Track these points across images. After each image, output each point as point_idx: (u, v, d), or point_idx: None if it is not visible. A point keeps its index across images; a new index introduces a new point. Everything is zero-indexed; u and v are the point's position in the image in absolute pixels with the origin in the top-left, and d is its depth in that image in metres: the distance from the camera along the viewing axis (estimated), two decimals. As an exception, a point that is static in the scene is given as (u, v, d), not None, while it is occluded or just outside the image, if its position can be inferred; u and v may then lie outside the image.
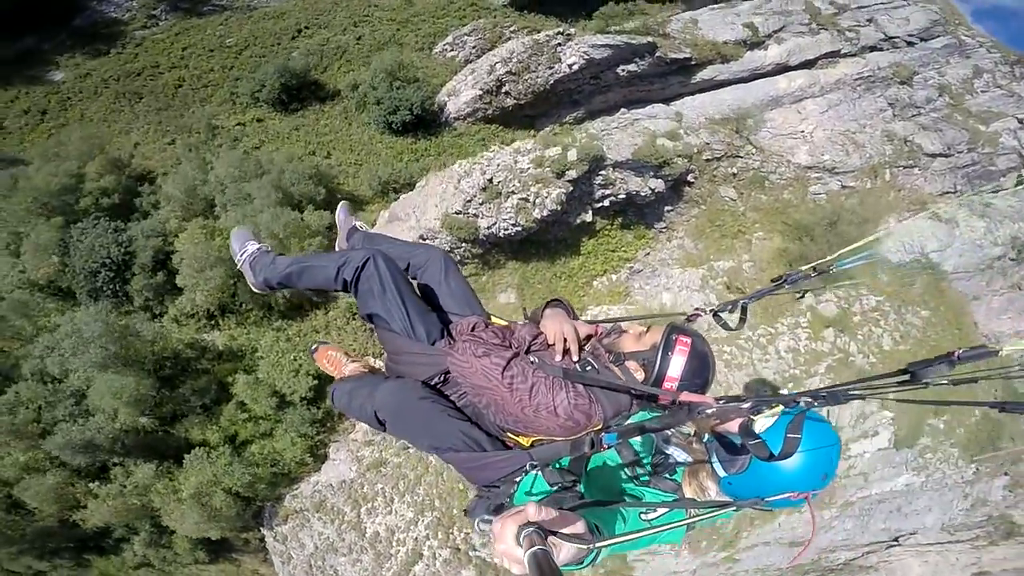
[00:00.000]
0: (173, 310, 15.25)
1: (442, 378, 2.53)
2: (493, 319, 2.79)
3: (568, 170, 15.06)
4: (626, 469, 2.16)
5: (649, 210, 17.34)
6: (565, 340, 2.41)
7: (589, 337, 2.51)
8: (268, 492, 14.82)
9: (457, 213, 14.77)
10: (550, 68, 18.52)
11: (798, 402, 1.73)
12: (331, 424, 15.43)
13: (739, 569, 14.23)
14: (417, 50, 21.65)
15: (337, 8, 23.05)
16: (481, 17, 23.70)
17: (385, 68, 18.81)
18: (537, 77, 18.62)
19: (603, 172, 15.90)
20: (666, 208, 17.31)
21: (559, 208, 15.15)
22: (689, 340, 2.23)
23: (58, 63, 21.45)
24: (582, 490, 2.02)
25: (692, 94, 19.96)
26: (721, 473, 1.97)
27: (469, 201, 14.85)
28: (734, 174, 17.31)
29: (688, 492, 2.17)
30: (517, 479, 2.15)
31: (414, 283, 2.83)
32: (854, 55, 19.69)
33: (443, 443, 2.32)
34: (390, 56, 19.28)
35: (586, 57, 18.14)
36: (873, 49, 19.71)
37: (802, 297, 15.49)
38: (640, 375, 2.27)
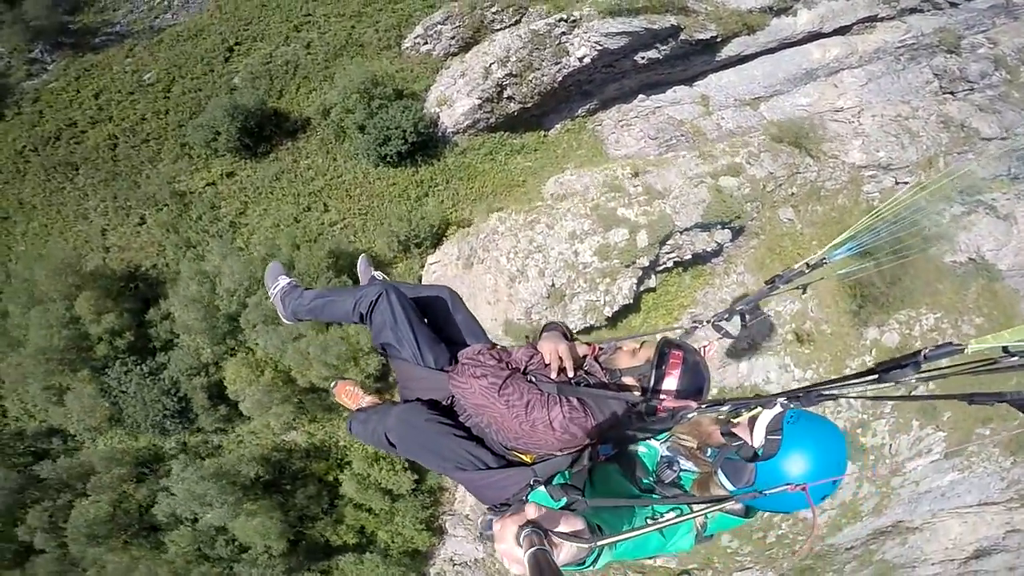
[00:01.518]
0: (246, 428, 14.77)
1: (450, 401, 2.55)
2: (497, 346, 2.76)
3: (639, 257, 12.13)
4: (630, 479, 2.05)
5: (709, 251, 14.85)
6: (560, 359, 2.40)
7: (585, 357, 2.50)
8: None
9: (519, 319, 11.85)
10: (557, 63, 15.07)
11: (776, 403, 1.70)
12: (436, 497, 15.45)
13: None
14: (383, 49, 17.44)
15: (266, 13, 18.15)
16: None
17: (356, 87, 14.75)
18: (543, 75, 15.15)
19: (671, 241, 13.11)
20: (725, 244, 14.81)
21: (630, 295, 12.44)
22: (681, 353, 2.19)
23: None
24: (587, 498, 1.90)
25: (716, 71, 16.90)
26: (729, 487, 1.86)
27: (531, 308, 11.88)
28: (793, 193, 14.76)
29: None
30: (524, 496, 2.12)
31: (425, 319, 2.82)
32: (892, 18, 16.89)
33: (449, 462, 2.34)
34: (357, 70, 15.28)
35: (599, 48, 14.79)
36: (913, 11, 16.98)
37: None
38: (637, 390, 2.24)
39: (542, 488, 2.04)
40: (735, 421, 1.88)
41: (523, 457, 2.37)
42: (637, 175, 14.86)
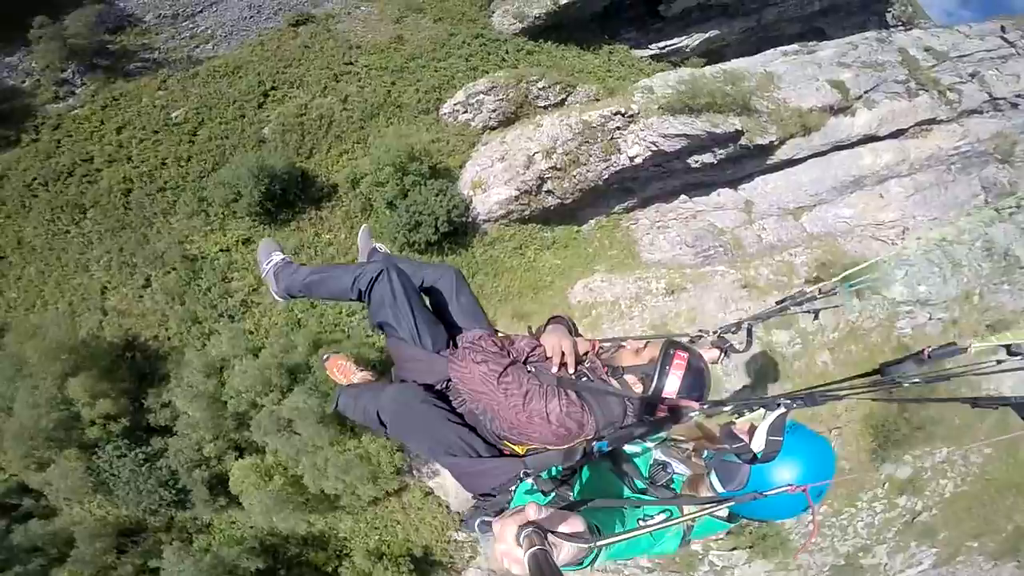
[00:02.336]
0: (243, 516, 13.69)
1: (445, 385, 2.45)
2: (499, 334, 2.66)
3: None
4: (623, 479, 1.99)
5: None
6: (563, 353, 2.34)
7: (587, 353, 2.43)
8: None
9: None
10: (605, 160, 13.91)
11: (778, 404, 1.64)
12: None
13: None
14: (421, 112, 16.31)
15: (308, 56, 17.05)
16: (490, 53, 18.16)
17: (391, 159, 13.68)
18: (588, 171, 14.06)
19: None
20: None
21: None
22: (686, 355, 2.12)
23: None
24: (575, 497, 1.89)
25: (765, 173, 15.57)
26: (719, 488, 1.85)
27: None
28: (834, 336, 13.64)
29: None
30: (512, 487, 2.02)
31: (426, 299, 2.74)
32: (951, 121, 15.45)
33: (440, 446, 2.24)
34: (393, 138, 14.17)
35: (653, 148, 13.60)
36: (973, 113, 15.53)
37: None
38: (639, 388, 2.16)
39: (531, 481, 1.96)
40: (736, 422, 1.84)
41: (515, 448, 2.28)
42: (672, 292, 13.77)
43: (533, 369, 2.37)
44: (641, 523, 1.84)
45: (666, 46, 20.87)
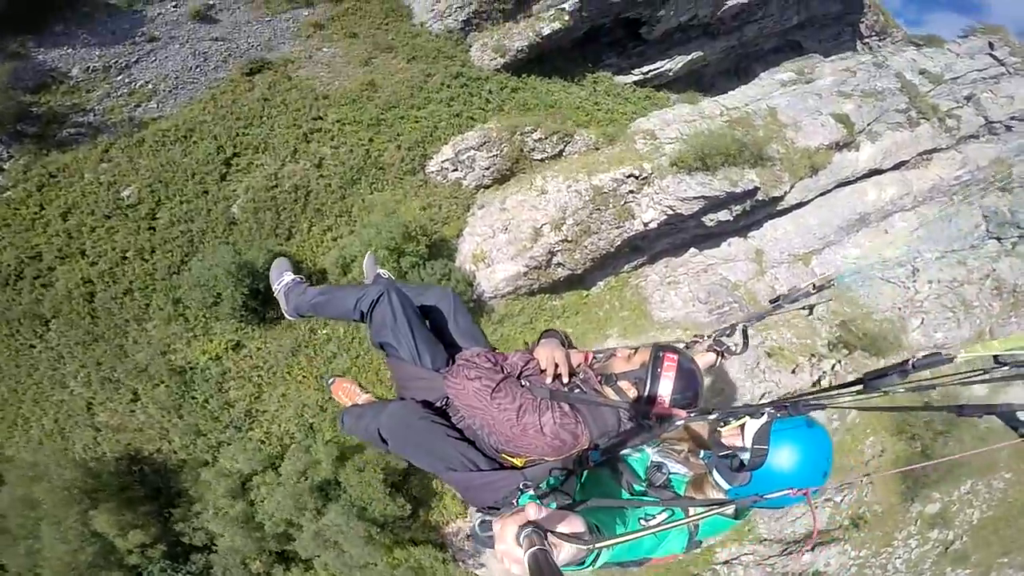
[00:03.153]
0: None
1: (444, 402, 2.46)
2: (495, 351, 2.66)
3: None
4: (621, 482, 1.99)
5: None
6: (556, 365, 2.33)
7: (580, 364, 2.41)
8: None
9: None
10: (618, 227, 12.66)
11: (763, 413, 1.64)
12: None
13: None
14: (406, 173, 14.57)
15: (270, 111, 14.88)
16: (472, 93, 16.48)
17: (385, 244, 12.06)
18: (600, 239, 12.89)
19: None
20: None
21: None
22: (676, 357, 2.09)
23: None
24: (578, 501, 1.87)
25: (772, 218, 14.73)
26: (726, 486, 1.80)
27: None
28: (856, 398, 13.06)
29: None
30: (514, 500, 1.97)
31: (427, 321, 2.75)
32: (949, 149, 14.98)
33: (440, 462, 2.23)
34: (385, 220, 12.68)
35: (670, 212, 12.44)
36: (971, 139, 15.07)
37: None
38: (632, 393, 2.14)
39: (531, 492, 1.86)
40: (722, 431, 1.80)
41: (514, 461, 2.25)
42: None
43: (527, 383, 2.33)
44: (643, 523, 1.79)
45: (649, 71, 19.54)
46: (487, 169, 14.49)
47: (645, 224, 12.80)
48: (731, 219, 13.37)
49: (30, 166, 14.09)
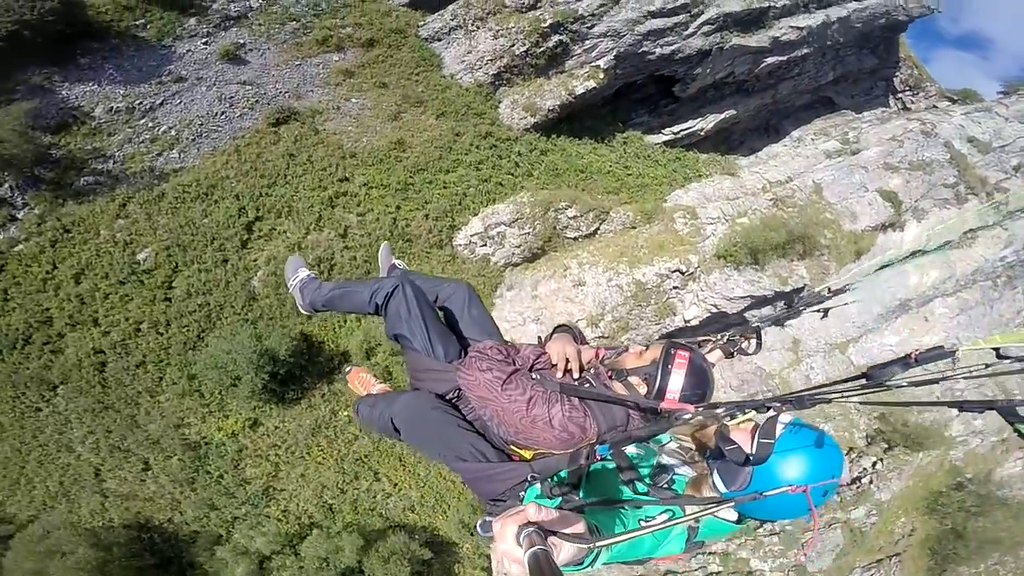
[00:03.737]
0: None
1: (456, 394, 2.43)
2: (508, 343, 2.64)
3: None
4: (625, 481, 1.90)
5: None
6: (567, 360, 2.30)
7: (591, 360, 2.39)
8: None
9: None
10: (658, 323, 12.09)
11: (769, 407, 1.61)
12: None
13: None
14: (433, 246, 13.96)
15: (295, 169, 14.16)
16: (501, 156, 15.79)
17: None
18: (637, 335, 12.30)
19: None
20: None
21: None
22: (687, 354, 2.05)
23: None
24: (581, 497, 1.85)
25: (811, 306, 14.16)
26: (722, 489, 1.77)
27: None
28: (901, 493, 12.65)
29: None
30: (521, 492, 2.00)
31: (440, 313, 2.75)
32: (995, 224, 14.41)
33: (451, 452, 2.23)
34: None
35: (714, 310, 11.84)
36: (1017, 213, 14.53)
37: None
38: (643, 389, 2.09)
39: (538, 484, 1.91)
40: (730, 425, 1.77)
41: (523, 453, 2.22)
42: None
43: (537, 376, 2.31)
44: (643, 523, 1.74)
45: (680, 130, 18.73)
46: (518, 247, 13.81)
47: (686, 321, 12.20)
48: (775, 315, 12.80)
49: (45, 217, 13.33)
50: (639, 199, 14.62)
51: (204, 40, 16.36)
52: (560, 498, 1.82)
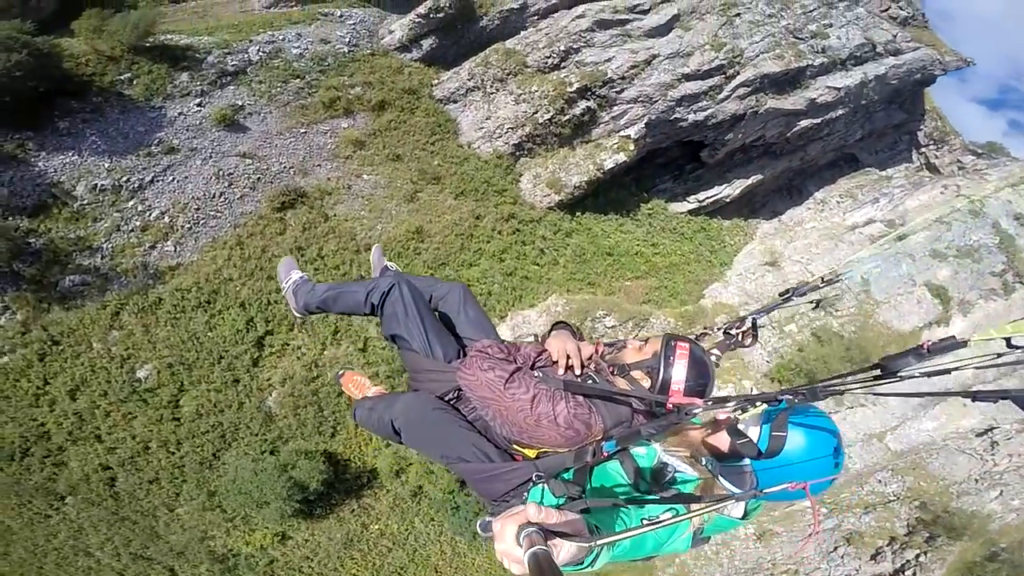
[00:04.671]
0: None
1: (456, 394, 2.31)
2: (506, 342, 2.51)
3: None
4: (627, 481, 1.86)
5: None
6: (568, 356, 2.19)
7: (591, 356, 2.28)
8: None
9: None
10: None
11: (781, 400, 1.52)
12: None
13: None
14: (456, 353, 12.47)
15: (303, 266, 12.44)
16: (524, 241, 14.84)
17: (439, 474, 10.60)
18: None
19: None
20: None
21: None
22: (688, 345, 1.99)
23: None
24: (586, 497, 1.76)
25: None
26: (734, 490, 1.74)
27: None
28: None
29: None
30: (525, 492, 1.89)
31: (436, 312, 2.64)
32: None
33: (453, 453, 2.14)
34: None
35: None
36: None
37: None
38: (646, 383, 2.01)
39: (544, 484, 1.80)
40: (741, 418, 1.71)
41: (526, 452, 2.13)
42: (761, 537, 12.27)
43: (540, 374, 2.21)
44: (645, 522, 1.60)
45: (705, 198, 17.32)
46: (546, 357, 12.62)
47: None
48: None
49: (29, 325, 11.67)
50: (668, 283, 13.49)
51: (198, 101, 14.13)
52: (564, 497, 1.74)
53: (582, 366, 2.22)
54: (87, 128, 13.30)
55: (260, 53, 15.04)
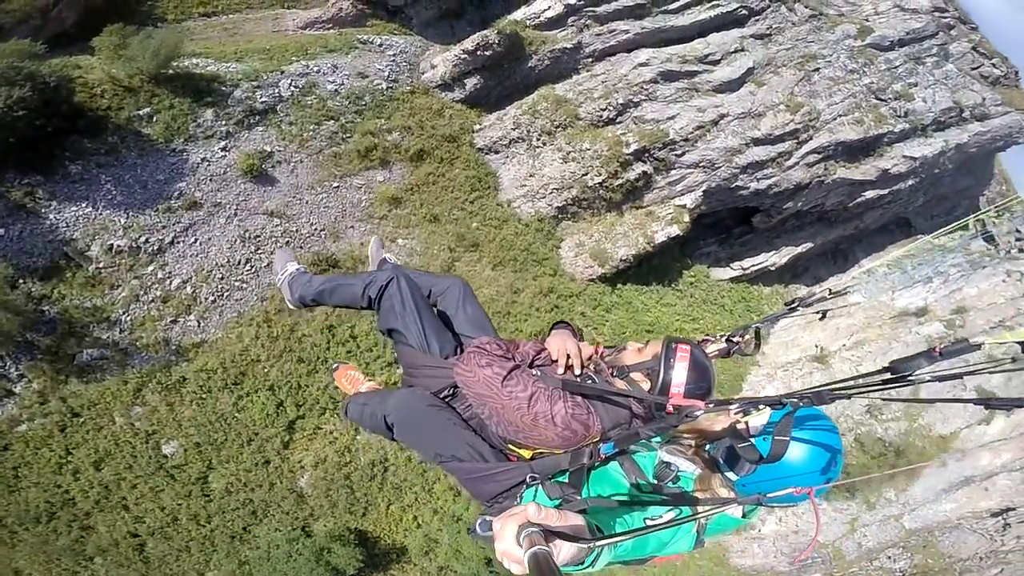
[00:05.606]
0: None
1: (451, 391, 2.25)
2: (505, 340, 2.45)
3: None
4: (628, 480, 1.80)
5: None
6: (568, 356, 2.13)
7: (591, 357, 2.22)
8: None
9: None
10: None
11: (784, 404, 1.49)
12: None
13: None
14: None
15: (335, 350, 11.84)
16: (564, 315, 12.95)
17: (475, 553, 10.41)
18: None
19: None
20: None
21: None
22: (688, 348, 1.93)
23: None
24: (584, 498, 1.73)
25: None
26: (733, 477, 1.70)
27: None
28: None
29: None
30: (520, 493, 1.89)
31: (434, 308, 2.56)
32: None
33: (447, 451, 2.07)
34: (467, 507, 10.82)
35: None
36: None
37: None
38: (646, 385, 1.96)
39: (538, 485, 1.82)
40: (743, 421, 1.68)
41: (521, 452, 2.10)
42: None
43: (538, 372, 2.14)
44: (648, 522, 1.63)
45: (750, 265, 15.89)
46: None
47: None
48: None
49: (47, 396, 10.93)
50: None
51: (223, 144, 12.50)
52: (559, 500, 1.69)
53: (582, 366, 2.15)
54: (102, 174, 11.82)
55: (292, 88, 13.17)
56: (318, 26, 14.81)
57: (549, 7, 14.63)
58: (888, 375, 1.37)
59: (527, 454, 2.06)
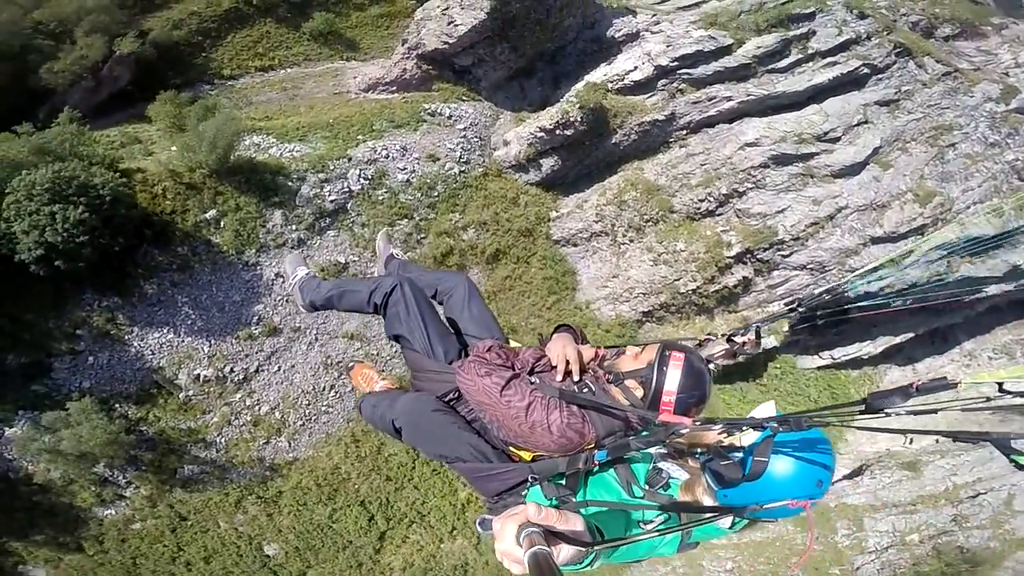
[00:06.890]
0: None
1: (456, 395, 2.28)
2: (511, 343, 2.54)
3: None
4: (622, 484, 1.87)
5: None
6: (567, 362, 2.14)
7: (591, 361, 2.24)
8: None
9: None
10: None
11: (766, 427, 1.53)
12: None
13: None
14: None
15: (420, 469, 12.03)
16: None
17: None
18: None
19: None
20: None
21: None
22: (683, 355, 1.92)
23: None
24: (580, 499, 1.85)
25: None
26: (715, 487, 1.70)
27: None
28: None
29: None
30: (523, 492, 1.97)
31: (440, 308, 2.62)
32: None
33: (452, 452, 2.15)
34: None
35: None
36: None
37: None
38: (639, 392, 1.96)
39: (538, 486, 1.88)
40: (726, 441, 1.68)
41: (521, 454, 2.11)
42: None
43: (536, 380, 2.12)
44: (642, 526, 1.69)
45: (842, 355, 14.29)
46: (649, 568, 11.87)
47: None
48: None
49: (155, 500, 11.50)
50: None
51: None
52: (557, 499, 1.75)
53: (582, 372, 2.10)
54: (178, 295, 11.20)
55: (362, 180, 11.66)
56: (381, 88, 12.65)
57: (636, 68, 11.97)
58: (863, 408, 1.37)
59: (528, 456, 2.05)
